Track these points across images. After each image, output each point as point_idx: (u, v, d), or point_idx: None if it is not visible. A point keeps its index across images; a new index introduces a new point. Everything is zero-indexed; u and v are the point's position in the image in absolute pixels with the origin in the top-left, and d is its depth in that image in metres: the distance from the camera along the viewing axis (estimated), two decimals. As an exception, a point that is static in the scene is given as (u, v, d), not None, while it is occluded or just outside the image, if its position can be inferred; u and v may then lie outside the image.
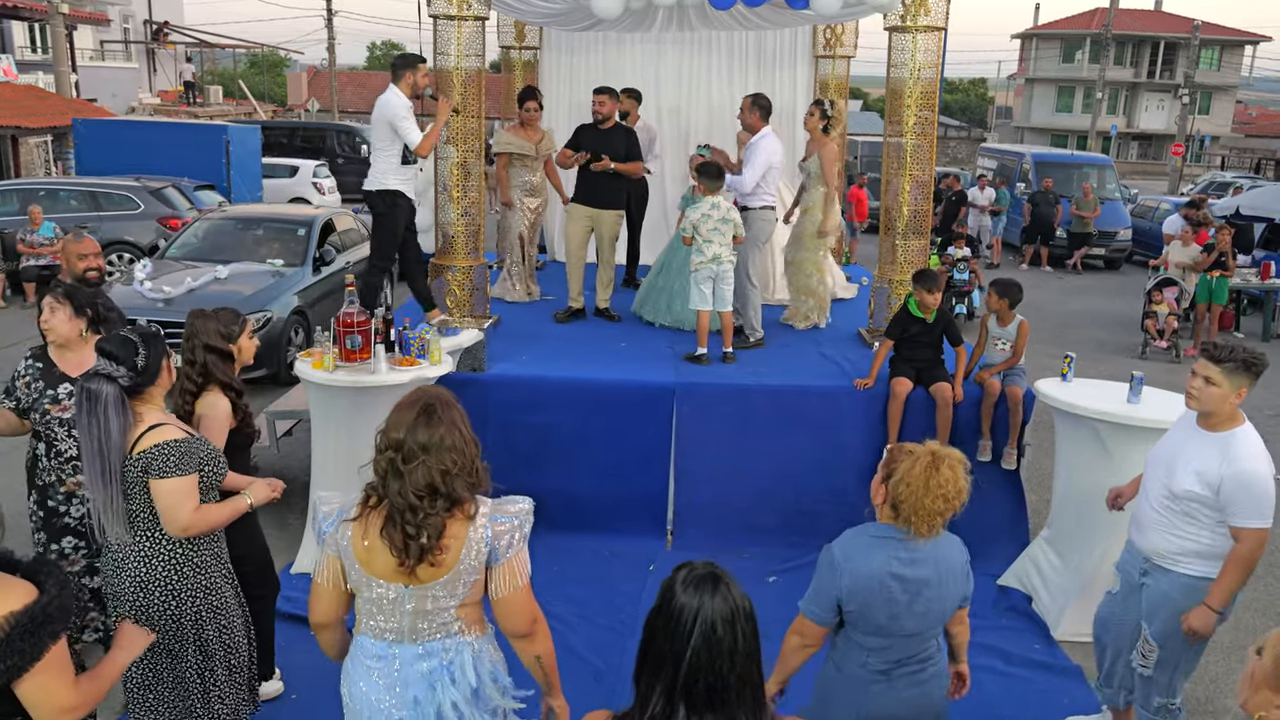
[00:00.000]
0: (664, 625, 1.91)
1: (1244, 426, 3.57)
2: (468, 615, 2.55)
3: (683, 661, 1.86)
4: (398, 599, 2.48)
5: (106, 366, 3.00)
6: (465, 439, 2.46)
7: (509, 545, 2.49)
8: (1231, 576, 3.53)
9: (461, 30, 6.45)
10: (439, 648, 2.53)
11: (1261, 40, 50.90)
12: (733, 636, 1.87)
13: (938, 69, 6.64)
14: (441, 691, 2.51)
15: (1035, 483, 6.57)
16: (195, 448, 3.12)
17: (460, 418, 2.49)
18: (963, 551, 2.93)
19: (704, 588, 1.91)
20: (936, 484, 2.73)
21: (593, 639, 4.87)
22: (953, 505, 2.77)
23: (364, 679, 2.57)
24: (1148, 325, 11.85)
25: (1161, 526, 3.71)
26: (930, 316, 5.84)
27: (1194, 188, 28.23)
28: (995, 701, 4.50)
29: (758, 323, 7.06)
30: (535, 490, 5.86)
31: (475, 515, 2.48)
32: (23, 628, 2.05)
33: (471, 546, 2.45)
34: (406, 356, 5.37)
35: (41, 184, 14.95)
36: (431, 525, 2.41)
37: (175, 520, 3.06)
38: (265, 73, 56.32)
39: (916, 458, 2.78)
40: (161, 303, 8.56)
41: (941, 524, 2.80)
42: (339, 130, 27.14)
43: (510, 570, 2.50)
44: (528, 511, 2.57)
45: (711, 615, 1.87)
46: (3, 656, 2.02)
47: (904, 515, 2.78)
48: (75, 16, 27.21)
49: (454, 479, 2.42)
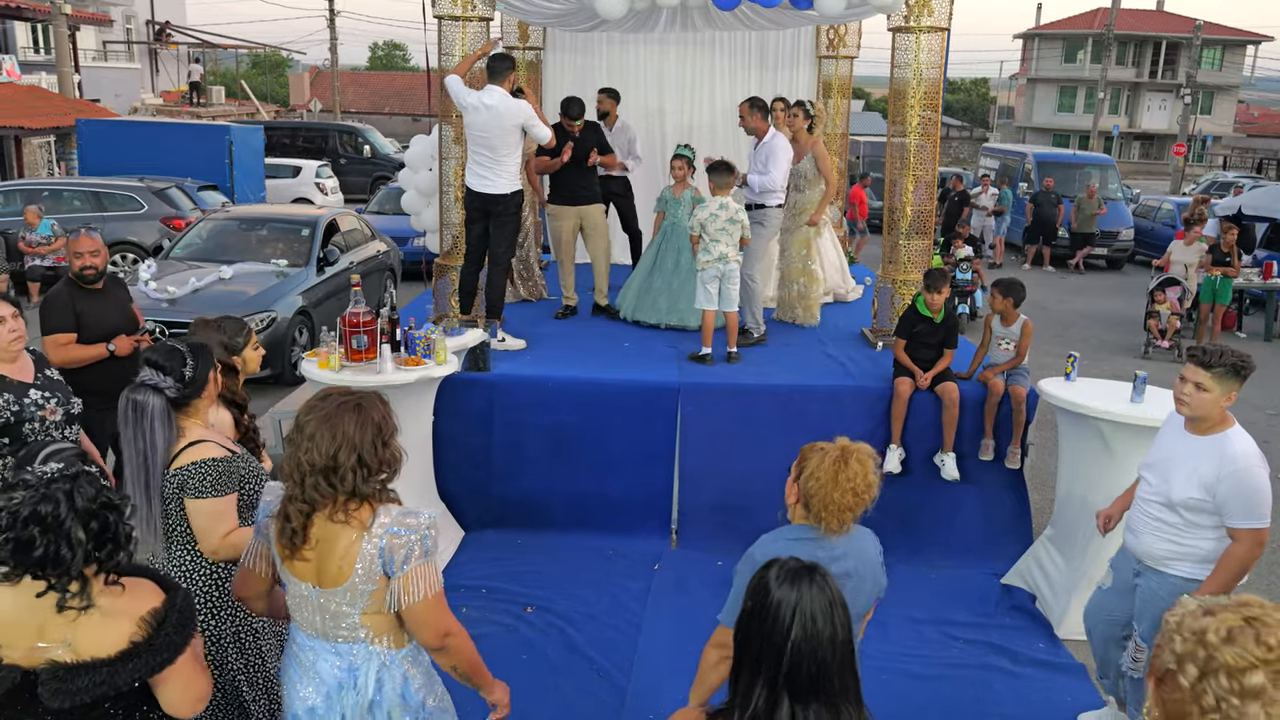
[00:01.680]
0: (760, 621, 1.91)
1: (1235, 428, 3.58)
2: (375, 625, 2.51)
3: (784, 654, 1.87)
4: (308, 597, 2.51)
5: (153, 378, 2.96)
6: (339, 438, 2.40)
7: (406, 558, 2.42)
8: (1225, 575, 3.53)
9: (466, 31, 6.47)
10: (348, 651, 2.53)
11: (1263, 40, 50.84)
12: (832, 625, 1.90)
13: (941, 69, 6.65)
14: (345, 694, 2.52)
15: (1038, 482, 6.58)
16: (236, 466, 3.05)
17: (357, 420, 2.42)
18: (876, 544, 2.91)
19: (800, 581, 1.93)
20: (845, 478, 2.73)
21: (598, 638, 4.88)
22: (862, 500, 2.75)
23: (293, 666, 2.63)
24: (1150, 325, 11.86)
25: (1155, 531, 3.72)
26: (938, 316, 5.85)
27: (1195, 188, 28.24)
28: (999, 700, 4.52)
29: (760, 318, 7.09)
30: (540, 490, 5.99)
31: (371, 526, 2.44)
32: (172, 621, 2.17)
33: (365, 557, 2.42)
34: (412, 356, 5.39)
35: (45, 184, 14.98)
36: (294, 514, 2.43)
37: (206, 543, 3.01)
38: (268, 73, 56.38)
39: (825, 453, 2.79)
40: (166, 303, 8.58)
41: (852, 519, 2.78)
42: (341, 130, 27.19)
43: (409, 583, 2.43)
44: (429, 525, 2.49)
45: (810, 606, 1.89)
46: (157, 650, 2.13)
47: (814, 511, 2.78)
48: (78, 17, 27.25)
49: (308, 474, 2.40)
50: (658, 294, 7.58)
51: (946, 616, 5.23)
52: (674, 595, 5.34)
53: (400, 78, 54.42)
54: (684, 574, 5.60)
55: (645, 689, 4.44)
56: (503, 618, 5.05)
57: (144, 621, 2.14)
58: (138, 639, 2.12)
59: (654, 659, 4.69)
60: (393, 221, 13.38)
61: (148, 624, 2.14)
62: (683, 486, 6.03)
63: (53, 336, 5.03)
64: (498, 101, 6.15)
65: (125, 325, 5.28)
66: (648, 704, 4.33)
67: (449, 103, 6.50)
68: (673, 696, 4.28)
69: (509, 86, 6.29)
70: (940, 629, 5.10)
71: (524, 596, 5.27)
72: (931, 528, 5.95)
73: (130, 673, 2.11)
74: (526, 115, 6.23)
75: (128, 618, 2.14)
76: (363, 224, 12.01)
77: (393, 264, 12.05)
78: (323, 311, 9.49)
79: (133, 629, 2.13)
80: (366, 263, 11.02)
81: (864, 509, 2.77)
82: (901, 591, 4.64)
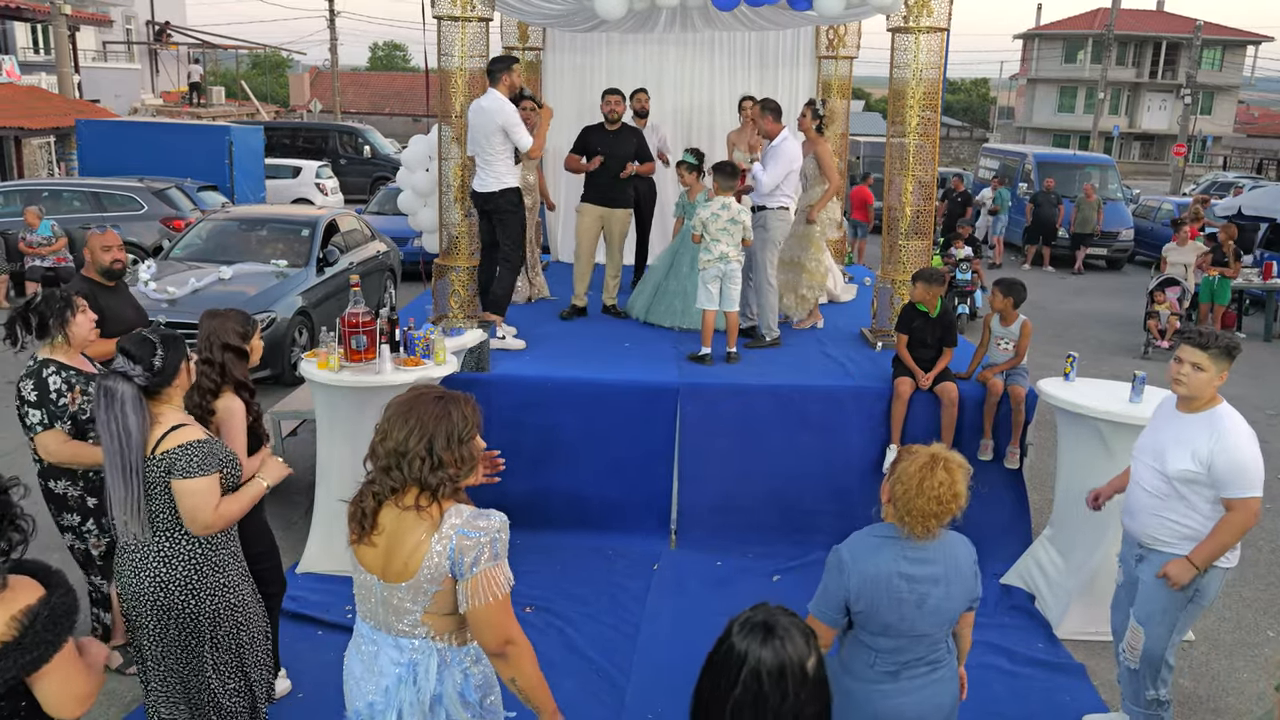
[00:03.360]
0: (715, 665, 1.86)
1: (1225, 404, 3.74)
2: (435, 623, 2.51)
3: (726, 707, 1.82)
4: (372, 587, 2.53)
5: (124, 365, 3.04)
6: (414, 430, 2.42)
7: (475, 561, 2.42)
8: (1220, 539, 3.65)
9: (466, 31, 6.46)
10: (409, 645, 2.53)
11: (1263, 40, 50.86)
12: (779, 693, 1.79)
13: (940, 69, 6.65)
14: (405, 689, 2.52)
15: (1037, 482, 6.59)
16: (215, 448, 3.18)
17: (434, 413, 2.45)
18: (971, 552, 2.94)
19: (756, 634, 1.84)
20: (930, 485, 2.74)
21: (597, 638, 4.88)
22: (948, 509, 2.76)
23: (354, 656, 2.65)
24: (1150, 325, 11.86)
25: (1153, 510, 3.82)
26: (933, 312, 5.86)
27: (1196, 188, 28.24)
28: (999, 699, 4.52)
29: (774, 322, 7.08)
30: (539, 490, 5.99)
31: (442, 524, 2.44)
32: (44, 619, 2.12)
33: (433, 556, 2.42)
34: (411, 357, 5.39)
35: (45, 185, 14.98)
36: (368, 497, 2.46)
37: (198, 519, 3.10)
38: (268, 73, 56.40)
39: (915, 457, 2.80)
40: (166, 303, 8.58)
41: (936, 526, 2.79)
42: (341, 131, 27.19)
43: (477, 586, 2.43)
44: (500, 528, 2.49)
45: (757, 665, 1.81)
46: (27, 648, 2.08)
47: (899, 514, 2.80)
48: (78, 17, 27.25)
49: (383, 458, 2.43)
50: (673, 296, 7.58)
51: (946, 616, 5.23)
52: (673, 595, 5.35)
53: (400, 78, 54.43)
54: (683, 574, 5.60)
55: (644, 689, 4.44)
56: (502, 618, 5.04)
57: (14, 620, 2.09)
58: (6, 638, 2.08)
59: (653, 659, 4.70)
60: (392, 222, 13.38)
61: (18, 622, 2.09)
62: (682, 487, 6.03)
63: None
64: (489, 103, 6.29)
65: (139, 320, 5.34)
66: (647, 704, 4.33)
67: (449, 103, 6.51)
68: (672, 696, 4.29)
69: (505, 89, 6.35)
70: (939, 629, 5.10)
71: (524, 596, 5.27)
72: (931, 528, 5.94)
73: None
74: (506, 118, 6.27)
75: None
76: (362, 224, 12.01)
77: (392, 264, 12.04)
78: (322, 312, 9.49)
79: (1, 628, 2.09)
80: (366, 263, 11.01)
81: (950, 517, 2.78)
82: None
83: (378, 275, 11.36)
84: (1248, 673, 4.92)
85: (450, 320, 6.50)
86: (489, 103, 6.29)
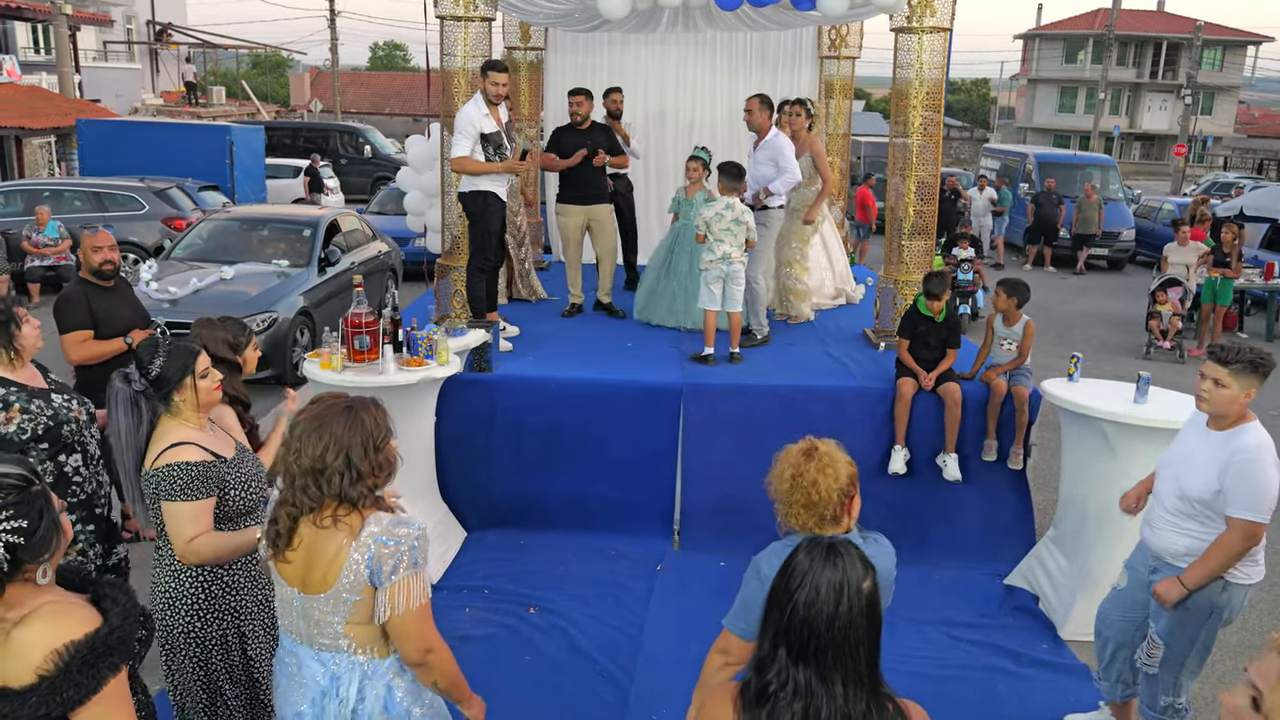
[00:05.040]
0: (781, 578, 2.00)
1: (1254, 423, 3.60)
2: (359, 635, 2.47)
3: (785, 611, 1.95)
4: (293, 601, 2.49)
5: (130, 369, 3.05)
6: (329, 443, 2.38)
7: (394, 569, 2.37)
8: (1212, 562, 3.55)
9: (468, 31, 6.46)
10: (330, 660, 2.49)
11: (1264, 40, 50.84)
12: (834, 603, 1.93)
13: (943, 70, 6.64)
14: (329, 702, 2.49)
15: (1041, 483, 6.58)
16: (216, 470, 3.01)
17: (347, 424, 2.41)
18: (894, 560, 2.77)
19: (820, 554, 1.99)
20: (808, 475, 2.66)
21: (601, 639, 4.87)
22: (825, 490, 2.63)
23: (281, 672, 2.62)
24: (1151, 326, 11.85)
25: (1173, 527, 3.72)
26: (939, 316, 5.85)
27: (1196, 188, 28.24)
28: (1002, 700, 4.52)
29: (764, 319, 7.09)
30: (542, 490, 5.99)
31: (360, 534, 2.40)
32: (81, 659, 1.94)
33: (352, 565, 2.38)
34: (414, 357, 5.38)
35: (46, 185, 14.96)
36: (280, 517, 2.42)
37: (175, 547, 2.98)
38: (268, 73, 56.36)
39: (785, 454, 2.75)
40: (167, 304, 8.57)
41: (814, 521, 2.66)
42: (342, 131, 27.20)
43: (396, 594, 2.38)
44: (419, 536, 2.44)
45: (818, 579, 1.94)
46: (60, 689, 1.91)
47: (781, 515, 2.71)
48: (78, 17, 27.22)
49: (297, 476, 2.39)
50: (673, 296, 7.57)
51: (949, 617, 5.23)
52: (676, 596, 5.34)
53: (400, 78, 54.42)
54: (686, 575, 5.60)
55: (648, 690, 4.43)
56: (505, 618, 5.04)
57: (55, 654, 1.91)
58: (43, 672, 1.90)
59: (657, 660, 4.69)
60: (393, 222, 13.38)
61: (58, 657, 1.91)
62: (685, 487, 6.02)
63: (72, 334, 5.09)
64: (464, 107, 6.29)
65: (137, 320, 5.35)
66: (650, 705, 4.32)
67: (450, 104, 6.51)
68: (675, 697, 4.28)
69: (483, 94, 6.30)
70: (943, 630, 5.09)
71: (526, 597, 5.26)
72: (934, 529, 5.94)
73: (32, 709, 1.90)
74: (460, 118, 6.22)
75: (38, 648, 1.91)
76: (364, 224, 12.01)
77: (394, 264, 12.05)
78: (324, 312, 9.48)
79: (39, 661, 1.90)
80: (368, 263, 11.01)
81: (831, 515, 2.64)
82: (904, 592, 4.59)
83: (379, 275, 11.36)
84: (1252, 674, 4.91)
85: (453, 320, 6.50)
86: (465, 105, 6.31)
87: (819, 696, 1.91)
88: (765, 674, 1.96)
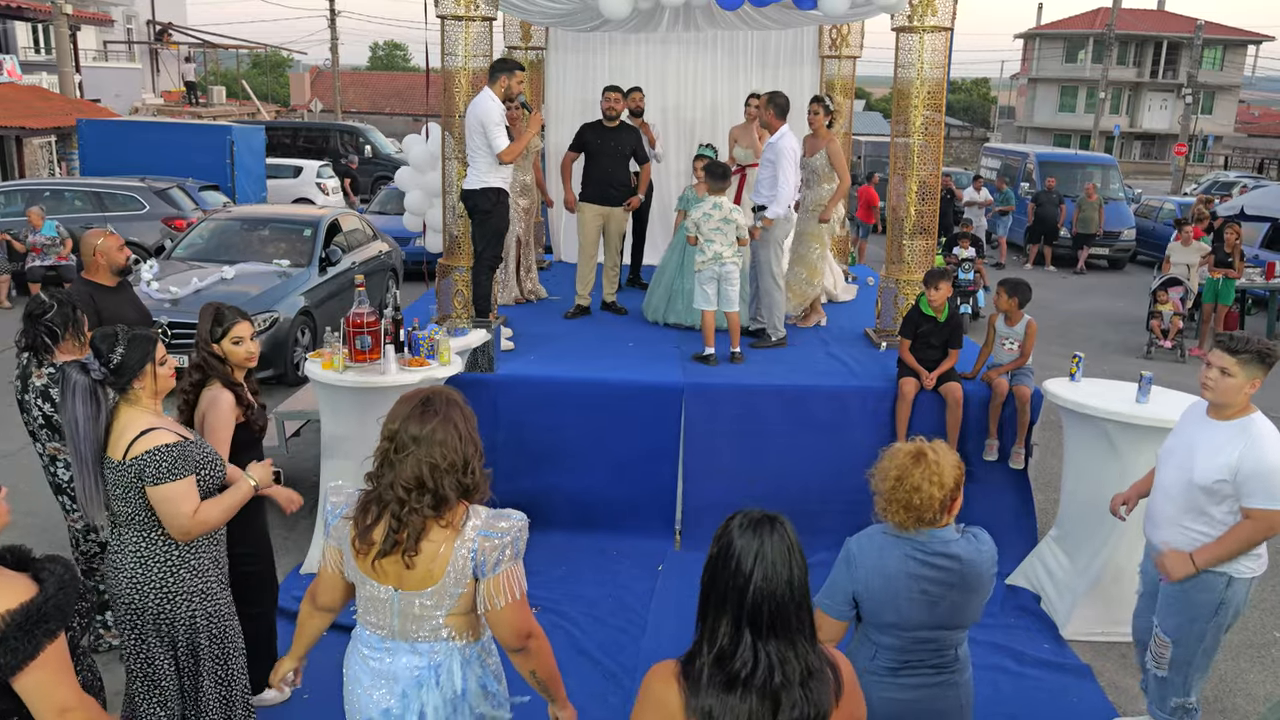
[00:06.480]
0: (725, 565, 2.07)
1: (1258, 414, 3.61)
2: (457, 624, 2.51)
3: (746, 595, 2.03)
4: (388, 600, 2.48)
5: (88, 358, 3.03)
6: (462, 437, 2.41)
7: (498, 561, 2.41)
8: (1228, 545, 3.56)
9: (469, 31, 6.46)
10: (428, 649, 2.51)
11: (1264, 40, 50.84)
12: (789, 569, 2.04)
13: (944, 69, 6.64)
14: (426, 692, 2.50)
15: (1043, 482, 6.58)
16: (190, 450, 3.11)
17: (462, 416, 2.45)
18: (993, 562, 2.83)
19: (761, 529, 2.09)
20: (911, 480, 2.70)
21: (603, 639, 4.87)
22: (927, 496, 2.68)
23: (360, 667, 2.60)
24: (1153, 325, 11.85)
25: (1176, 520, 3.72)
26: (941, 316, 5.84)
27: (1197, 188, 28.23)
28: (1005, 700, 4.51)
29: (780, 323, 7.06)
30: (544, 490, 5.97)
31: (464, 528, 2.42)
32: (17, 625, 2.04)
33: (457, 561, 2.40)
34: (416, 357, 5.38)
35: (46, 184, 14.97)
36: (413, 523, 2.38)
37: (175, 525, 3.06)
38: (268, 73, 56.40)
39: (894, 453, 2.79)
40: (169, 303, 8.57)
41: (912, 521, 2.73)
42: (342, 130, 27.20)
43: (497, 586, 2.43)
44: (520, 528, 2.48)
45: (771, 553, 2.04)
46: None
47: (879, 507, 2.78)
48: (79, 17, 27.22)
49: (442, 475, 2.37)
50: (689, 295, 7.54)
51: (951, 617, 5.22)
52: (678, 596, 5.33)
53: (401, 78, 54.44)
54: (688, 574, 5.57)
55: (650, 690, 4.42)
56: (507, 618, 5.03)
57: None
58: None
59: (659, 659, 4.66)
60: (393, 222, 13.38)
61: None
62: (687, 487, 6.02)
63: None
64: (478, 100, 6.28)
65: (141, 320, 5.33)
66: (653, 705, 4.31)
67: (451, 104, 6.50)
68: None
69: (500, 90, 6.31)
70: (945, 630, 5.09)
71: (529, 598, 5.23)
72: (936, 528, 5.94)
73: None
74: (487, 115, 6.21)
75: None
76: (364, 224, 12.01)
77: (395, 264, 12.05)
78: (325, 312, 9.48)
79: None
80: (368, 263, 11.01)
81: (930, 511, 2.71)
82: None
83: (380, 275, 11.37)
84: (1255, 674, 4.91)
85: (454, 320, 6.49)
86: (478, 99, 6.28)
87: (789, 663, 2.02)
88: (730, 662, 2.03)
